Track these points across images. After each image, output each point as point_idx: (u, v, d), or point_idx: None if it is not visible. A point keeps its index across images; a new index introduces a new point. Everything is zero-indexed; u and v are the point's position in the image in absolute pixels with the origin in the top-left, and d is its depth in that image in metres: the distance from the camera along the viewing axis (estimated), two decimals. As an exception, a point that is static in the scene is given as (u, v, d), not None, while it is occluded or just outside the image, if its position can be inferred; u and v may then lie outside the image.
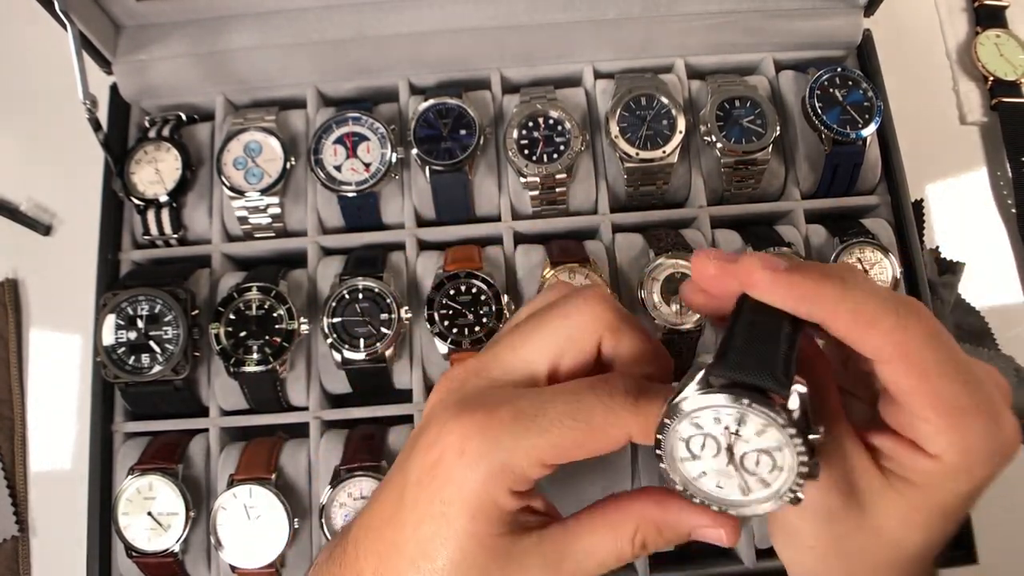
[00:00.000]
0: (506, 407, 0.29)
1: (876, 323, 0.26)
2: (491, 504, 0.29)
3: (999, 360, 0.79)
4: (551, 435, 0.29)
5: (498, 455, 0.28)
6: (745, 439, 0.28)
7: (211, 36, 0.77)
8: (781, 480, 0.28)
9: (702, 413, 0.28)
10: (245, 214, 0.74)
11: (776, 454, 0.28)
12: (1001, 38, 0.89)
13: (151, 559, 0.66)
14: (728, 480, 0.29)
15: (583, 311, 0.32)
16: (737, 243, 0.74)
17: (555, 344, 0.32)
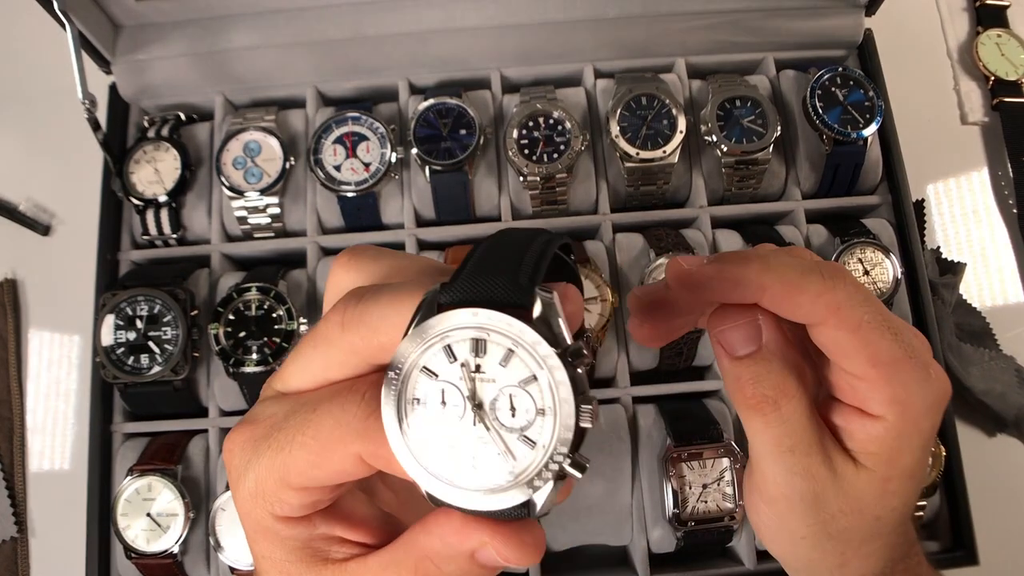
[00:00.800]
0: (265, 421, 0.26)
1: (804, 288, 0.27)
2: (263, 527, 0.25)
3: (1000, 360, 0.79)
4: (286, 453, 0.24)
5: (248, 476, 0.25)
6: (490, 376, 0.22)
7: (210, 36, 0.77)
8: (548, 432, 0.22)
9: (429, 354, 0.22)
10: (244, 214, 0.74)
11: (534, 389, 0.22)
12: (1002, 38, 0.89)
13: (150, 560, 0.66)
14: (485, 450, 0.22)
15: (337, 341, 0.25)
16: (738, 243, 0.74)
17: (315, 367, 0.26)
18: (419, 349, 0.22)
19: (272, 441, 0.25)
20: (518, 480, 0.22)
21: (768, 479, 0.30)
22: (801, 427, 0.29)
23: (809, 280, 0.27)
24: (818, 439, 0.29)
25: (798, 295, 0.28)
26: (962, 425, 0.76)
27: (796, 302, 0.28)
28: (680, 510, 0.66)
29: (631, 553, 0.71)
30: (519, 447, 0.22)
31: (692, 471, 0.66)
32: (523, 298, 0.22)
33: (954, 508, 0.69)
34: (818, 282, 0.27)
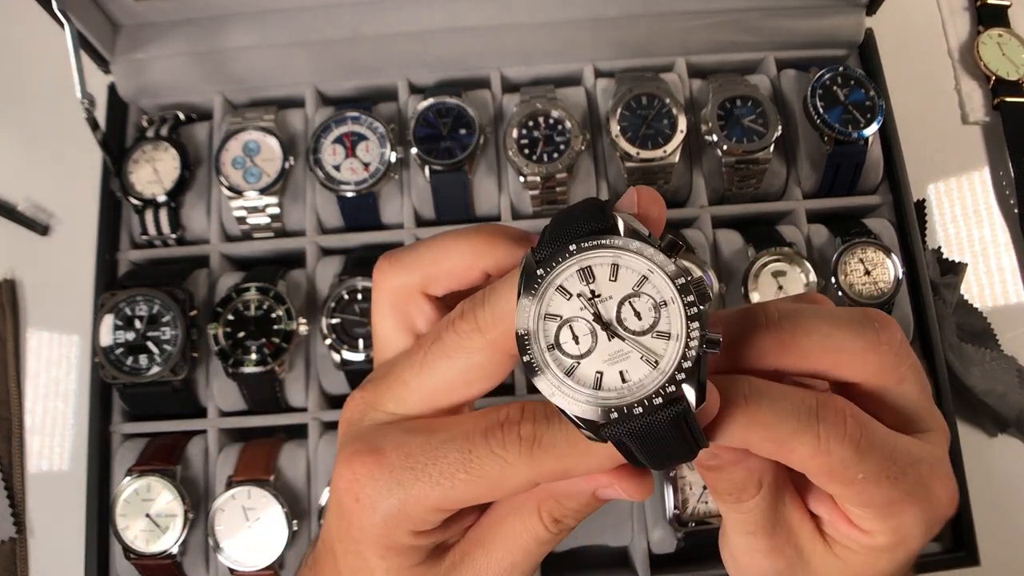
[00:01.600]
0: (396, 451, 0.27)
1: (793, 449, 0.25)
2: (397, 544, 0.27)
3: (1001, 360, 0.79)
4: (443, 488, 0.26)
5: (390, 502, 0.26)
6: (606, 294, 0.24)
7: (209, 35, 0.77)
8: (678, 319, 0.23)
9: (548, 299, 0.24)
10: (244, 214, 0.74)
11: (648, 288, 0.24)
12: (1003, 37, 0.89)
13: (149, 561, 0.66)
14: (627, 361, 0.23)
15: (479, 346, 0.26)
16: (738, 243, 0.74)
17: (451, 381, 0.27)
18: (536, 303, 0.24)
19: (421, 474, 0.26)
20: (669, 373, 0.23)
21: (735, 547, 0.30)
22: (763, 518, 0.28)
23: (801, 441, 0.25)
24: (785, 527, 0.28)
25: (787, 454, 0.25)
26: (963, 425, 0.76)
27: (785, 458, 0.26)
28: (681, 511, 0.65)
29: (632, 553, 0.70)
30: (657, 343, 0.23)
31: (692, 472, 0.66)
32: (605, 220, 0.24)
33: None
34: (811, 444, 0.25)
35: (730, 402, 0.24)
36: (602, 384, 0.23)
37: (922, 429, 0.28)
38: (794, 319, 0.26)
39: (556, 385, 0.23)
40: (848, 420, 0.25)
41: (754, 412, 0.24)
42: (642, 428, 0.23)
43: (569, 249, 0.24)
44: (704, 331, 0.23)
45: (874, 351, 0.26)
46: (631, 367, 0.23)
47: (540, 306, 0.24)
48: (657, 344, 0.23)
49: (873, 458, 0.25)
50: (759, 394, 0.25)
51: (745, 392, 0.25)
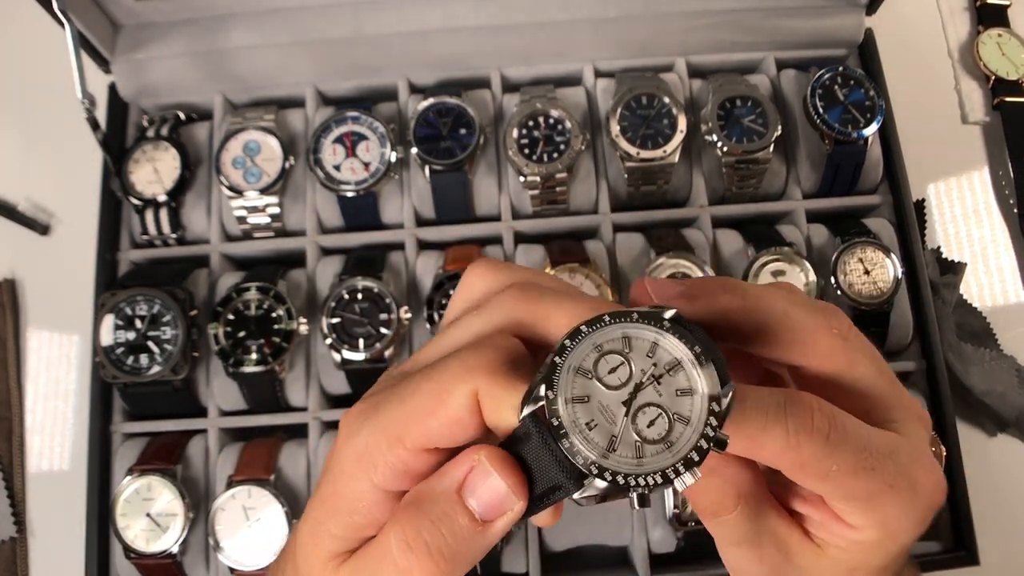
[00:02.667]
0: (383, 385, 0.28)
1: (764, 444, 0.25)
2: (371, 460, 0.26)
3: (1001, 360, 0.79)
4: (406, 405, 0.25)
5: (360, 437, 0.26)
6: (661, 387, 0.25)
7: (210, 35, 0.77)
8: (684, 440, 0.24)
9: (606, 337, 0.25)
10: (244, 214, 0.74)
11: (680, 376, 0.25)
12: (1003, 37, 0.89)
13: (150, 560, 0.66)
14: (635, 425, 0.24)
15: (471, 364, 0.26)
16: (738, 243, 0.74)
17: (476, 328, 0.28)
18: (589, 345, 0.25)
19: (392, 396, 0.26)
20: (672, 451, 0.24)
21: (726, 558, 0.30)
22: (746, 530, 0.28)
23: (770, 436, 0.25)
24: (771, 536, 0.28)
25: (758, 449, 0.25)
26: (962, 425, 0.76)
27: (757, 454, 0.26)
28: (680, 510, 0.65)
29: (631, 553, 0.71)
30: (675, 426, 0.25)
31: (692, 471, 0.66)
32: (659, 312, 0.25)
33: (954, 508, 0.69)
34: (780, 438, 0.25)
35: None
36: (617, 444, 0.24)
37: (893, 419, 0.28)
38: (760, 292, 0.28)
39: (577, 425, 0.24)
40: (816, 413, 0.25)
41: None
42: (618, 488, 0.24)
43: (622, 328, 0.25)
44: (717, 429, 0.24)
45: (824, 332, 0.27)
46: (629, 432, 0.24)
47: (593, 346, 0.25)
48: (676, 426, 0.24)
49: (845, 450, 0.25)
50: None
51: None
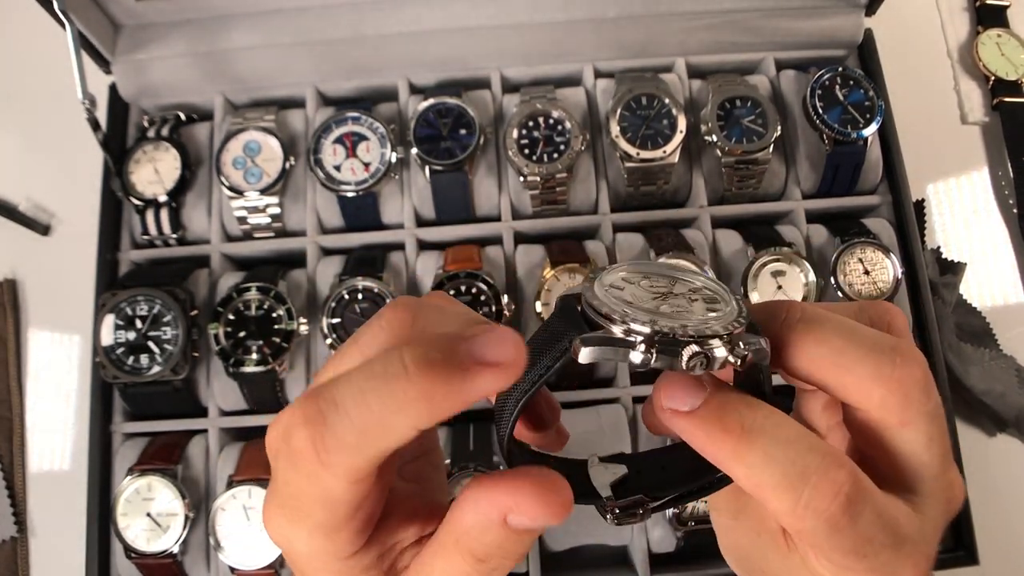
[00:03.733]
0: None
1: (770, 499, 0.23)
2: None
3: (1000, 360, 0.79)
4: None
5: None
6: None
7: (210, 36, 0.77)
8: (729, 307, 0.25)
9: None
10: (244, 214, 0.74)
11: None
12: (1002, 37, 0.89)
13: (150, 560, 0.66)
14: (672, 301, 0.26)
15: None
16: (738, 243, 0.74)
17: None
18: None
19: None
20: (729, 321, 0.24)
21: (714, 526, 0.31)
22: (727, 499, 0.28)
23: (777, 496, 0.23)
24: (751, 515, 0.28)
25: (765, 502, 0.24)
26: (962, 425, 0.76)
27: (752, 491, 0.24)
28: (680, 510, 0.65)
29: (631, 553, 0.71)
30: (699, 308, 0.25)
31: (692, 471, 0.66)
32: None
33: (954, 508, 0.69)
34: (788, 503, 0.23)
35: (726, 432, 0.24)
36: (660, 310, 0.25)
37: (919, 492, 0.26)
38: (812, 325, 0.25)
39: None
40: (839, 498, 0.23)
41: (740, 446, 0.24)
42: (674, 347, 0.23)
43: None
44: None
45: (882, 384, 0.24)
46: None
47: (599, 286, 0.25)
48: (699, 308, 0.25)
49: (847, 537, 0.23)
50: (761, 425, 0.24)
51: (744, 422, 0.24)
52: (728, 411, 0.24)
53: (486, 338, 0.22)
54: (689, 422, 0.24)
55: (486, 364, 0.21)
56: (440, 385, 0.21)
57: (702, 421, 0.24)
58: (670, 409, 0.25)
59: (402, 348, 0.21)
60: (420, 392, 0.21)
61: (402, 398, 0.21)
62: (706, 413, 0.24)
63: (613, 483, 0.27)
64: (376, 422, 0.21)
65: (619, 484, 0.27)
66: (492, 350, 0.21)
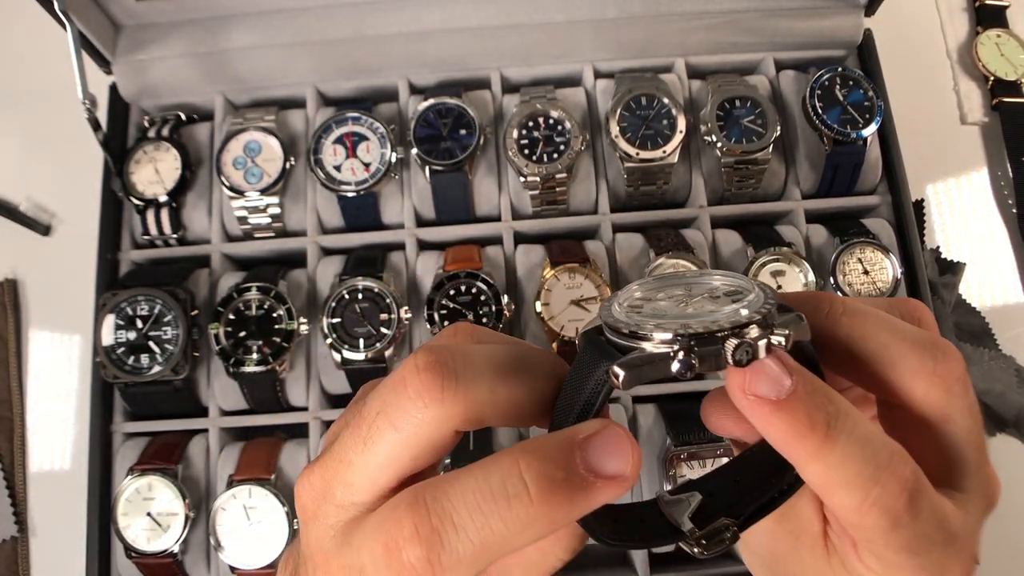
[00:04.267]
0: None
1: (837, 496, 0.23)
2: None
3: (1000, 360, 0.79)
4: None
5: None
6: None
7: (211, 36, 0.77)
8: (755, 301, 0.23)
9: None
10: (244, 214, 0.74)
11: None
12: (1002, 38, 0.89)
13: (150, 560, 0.66)
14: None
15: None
16: (737, 243, 0.74)
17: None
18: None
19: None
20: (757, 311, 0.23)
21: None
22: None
23: (846, 493, 0.23)
24: (794, 517, 0.27)
25: (840, 499, 0.23)
26: (961, 425, 0.76)
27: (829, 502, 0.24)
28: (680, 510, 0.65)
29: (631, 553, 0.71)
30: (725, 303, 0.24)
31: (692, 471, 0.66)
32: None
33: (953, 508, 0.69)
34: (855, 500, 0.23)
35: (812, 428, 0.22)
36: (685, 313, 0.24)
37: (961, 488, 0.26)
38: (856, 318, 0.25)
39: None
40: (906, 495, 0.23)
41: (823, 443, 0.22)
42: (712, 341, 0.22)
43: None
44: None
45: (926, 379, 0.25)
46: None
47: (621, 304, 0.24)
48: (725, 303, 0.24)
49: (905, 535, 0.23)
50: (842, 424, 0.23)
51: (828, 419, 0.23)
52: (816, 403, 0.23)
53: (603, 446, 0.22)
54: (776, 415, 0.22)
55: (607, 478, 0.22)
56: (564, 506, 0.21)
57: (790, 414, 0.22)
58: (755, 397, 0.23)
59: (518, 461, 0.22)
60: (543, 513, 0.21)
61: (525, 519, 0.21)
62: (795, 404, 0.22)
63: (691, 513, 0.25)
64: (497, 542, 0.21)
65: (698, 513, 0.26)
66: (611, 461, 0.22)
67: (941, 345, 0.25)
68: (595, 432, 0.23)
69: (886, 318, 0.26)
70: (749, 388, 0.23)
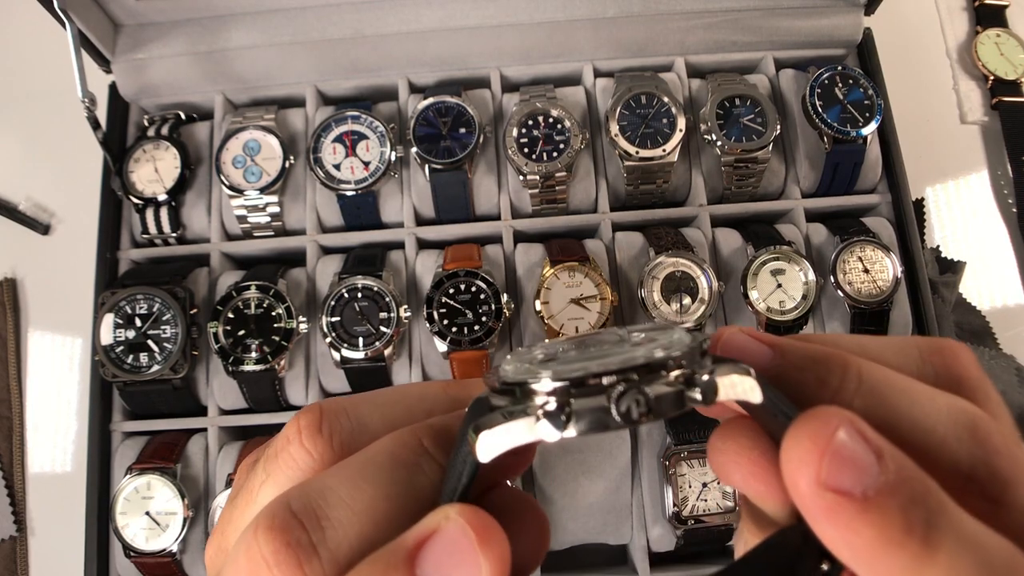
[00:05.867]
0: None
1: (856, 531, 0.17)
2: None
3: (1000, 359, 0.79)
4: None
5: None
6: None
7: (210, 35, 0.77)
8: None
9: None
10: (244, 213, 0.74)
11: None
12: (1001, 37, 0.89)
13: (149, 559, 0.66)
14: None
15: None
16: (737, 242, 0.74)
17: None
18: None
19: None
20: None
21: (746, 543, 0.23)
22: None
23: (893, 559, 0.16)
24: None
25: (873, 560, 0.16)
26: (962, 424, 0.76)
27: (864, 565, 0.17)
28: (680, 508, 0.65)
29: (631, 552, 0.71)
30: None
31: (692, 470, 0.66)
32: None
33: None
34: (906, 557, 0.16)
35: (911, 531, 0.16)
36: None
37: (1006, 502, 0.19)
38: (877, 399, 0.19)
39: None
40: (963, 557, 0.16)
41: (930, 558, 0.16)
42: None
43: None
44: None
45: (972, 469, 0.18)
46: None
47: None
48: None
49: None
50: (949, 527, 0.16)
51: (928, 517, 0.16)
52: (913, 494, 0.16)
53: (441, 553, 0.17)
54: (862, 517, 0.16)
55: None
56: None
57: (881, 515, 0.16)
58: (834, 492, 0.16)
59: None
60: None
61: None
62: (888, 500, 0.16)
63: None
64: None
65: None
66: (454, 573, 0.17)
67: (978, 415, 0.19)
68: (430, 534, 0.18)
69: (916, 397, 0.19)
70: (829, 479, 0.16)
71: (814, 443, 0.16)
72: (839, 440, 0.16)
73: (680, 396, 0.16)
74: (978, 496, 0.18)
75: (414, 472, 0.19)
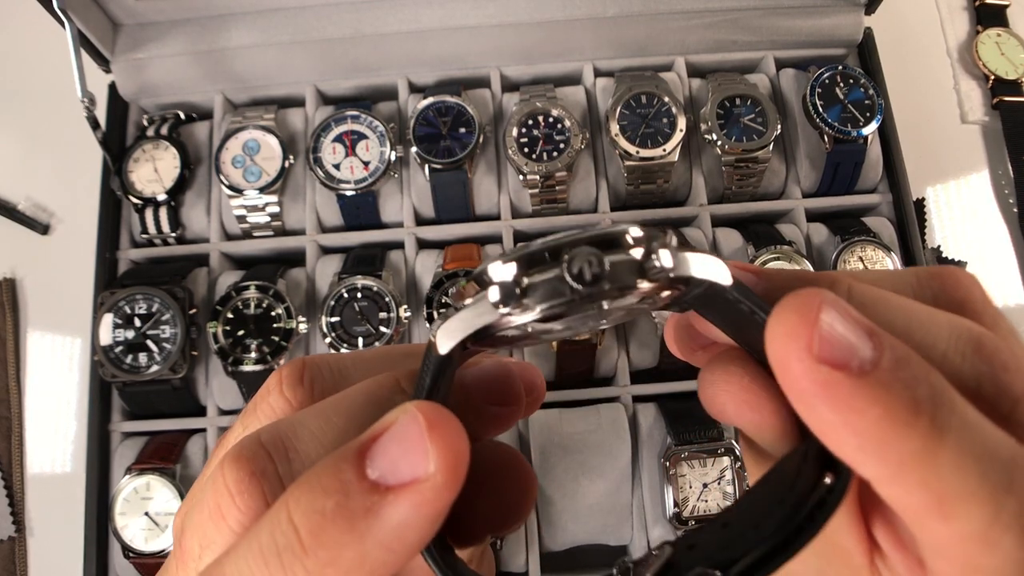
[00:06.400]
0: None
1: (955, 516, 0.15)
2: None
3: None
4: None
5: None
6: None
7: (210, 34, 0.77)
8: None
9: None
10: (243, 213, 0.74)
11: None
12: (1002, 37, 0.89)
13: (148, 560, 0.66)
14: None
15: None
16: (738, 241, 0.74)
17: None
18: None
19: None
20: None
21: None
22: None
23: (982, 512, 0.15)
24: (833, 543, 0.19)
25: (958, 522, 0.15)
26: (963, 424, 0.76)
27: (938, 529, 0.15)
28: (680, 509, 0.65)
29: (631, 552, 0.70)
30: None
31: (692, 470, 0.66)
32: None
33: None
34: (989, 515, 0.15)
35: (919, 411, 0.15)
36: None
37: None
38: (868, 315, 0.16)
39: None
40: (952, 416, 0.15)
41: (937, 445, 0.15)
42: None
43: None
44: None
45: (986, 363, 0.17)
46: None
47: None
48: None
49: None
50: (955, 413, 0.15)
51: (934, 398, 0.15)
52: (915, 376, 0.15)
53: (391, 444, 0.16)
54: (862, 394, 0.15)
55: (399, 486, 0.16)
56: (347, 542, 0.16)
57: (886, 391, 0.15)
58: (829, 364, 0.15)
59: (288, 500, 0.17)
60: (327, 559, 0.16)
61: (310, 574, 0.16)
62: (887, 377, 0.15)
63: (657, 571, 0.19)
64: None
65: (664, 571, 0.19)
66: (402, 463, 0.16)
67: (989, 345, 0.17)
68: (384, 428, 0.17)
69: (910, 312, 0.18)
70: (822, 352, 0.15)
71: (801, 316, 0.15)
72: (826, 318, 0.15)
73: (637, 265, 0.15)
74: (985, 414, 0.16)
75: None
